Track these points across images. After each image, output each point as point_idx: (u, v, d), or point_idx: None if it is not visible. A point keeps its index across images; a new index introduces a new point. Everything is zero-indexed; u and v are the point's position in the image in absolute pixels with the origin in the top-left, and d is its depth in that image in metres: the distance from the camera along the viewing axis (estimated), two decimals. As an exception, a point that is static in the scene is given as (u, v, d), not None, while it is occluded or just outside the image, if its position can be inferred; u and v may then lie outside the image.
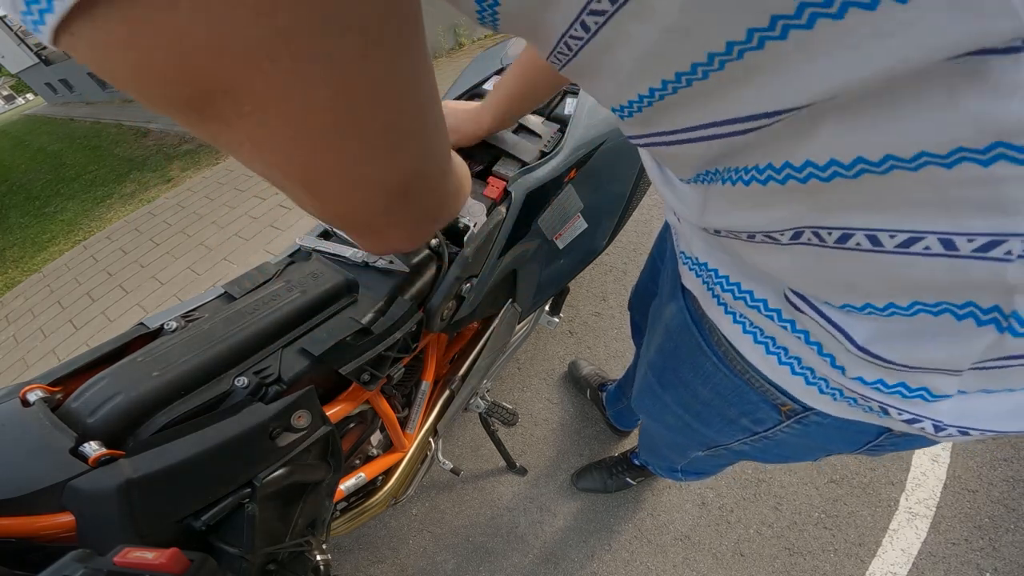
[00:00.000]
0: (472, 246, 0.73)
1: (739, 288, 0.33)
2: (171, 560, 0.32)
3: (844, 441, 0.39)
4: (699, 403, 0.47)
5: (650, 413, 0.63)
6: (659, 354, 0.51)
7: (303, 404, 0.56)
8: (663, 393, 0.54)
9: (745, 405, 0.41)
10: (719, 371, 0.41)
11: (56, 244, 3.76)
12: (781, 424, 0.40)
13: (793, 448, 0.44)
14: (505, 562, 1.18)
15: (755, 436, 0.45)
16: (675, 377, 0.49)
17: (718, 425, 0.48)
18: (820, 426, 0.37)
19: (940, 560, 1.03)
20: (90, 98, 11.24)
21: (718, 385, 0.42)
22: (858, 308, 0.25)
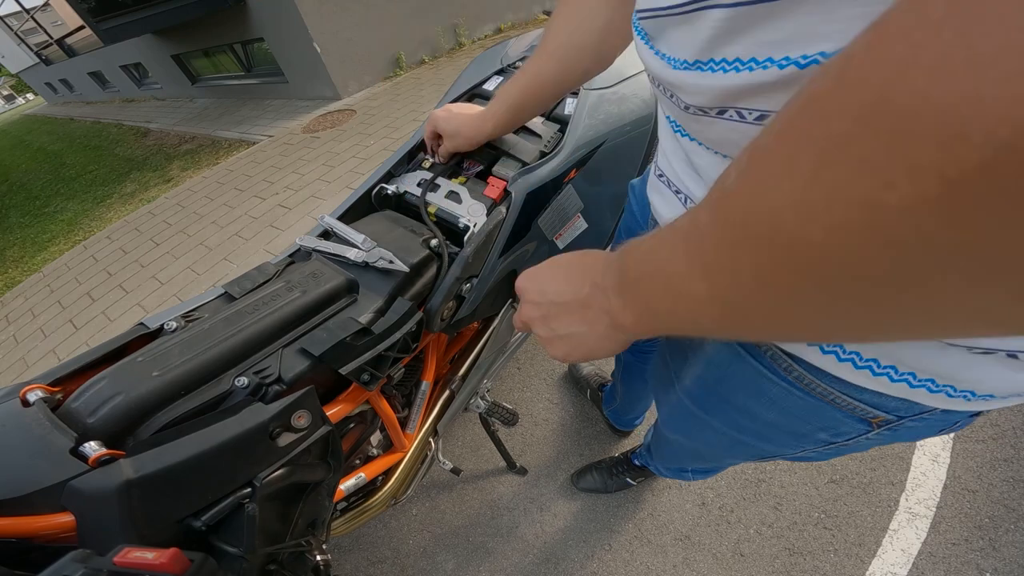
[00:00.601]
0: (472, 246, 0.73)
1: None
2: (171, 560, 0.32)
3: (921, 433, 0.37)
4: (760, 424, 0.45)
5: (685, 434, 0.61)
6: (699, 384, 0.49)
7: (303, 404, 0.56)
8: (709, 419, 0.52)
9: (825, 421, 0.39)
10: (791, 395, 0.38)
11: (56, 244, 3.76)
12: (868, 433, 0.38)
13: (864, 447, 0.42)
14: (505, 562, 1.18)
15: (830, 446, 0.43)
16: (727, 403, 0.46)
17: (783, 440, 0.45)
18: (912, 429, 0.36)
19: (940, 560, 1.03)
20: (90, 98, 11.24)
21: (790, 408, 0.40)
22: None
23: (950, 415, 0.34)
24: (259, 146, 4.27)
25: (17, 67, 14.48)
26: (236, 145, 4.55)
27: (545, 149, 0.82)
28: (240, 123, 5.10)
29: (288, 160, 3.68)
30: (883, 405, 0.34)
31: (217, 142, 4.86)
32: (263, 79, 5.58)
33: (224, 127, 5.17)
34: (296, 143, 3.99)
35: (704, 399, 0.50)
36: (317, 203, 2.93)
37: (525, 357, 1.63)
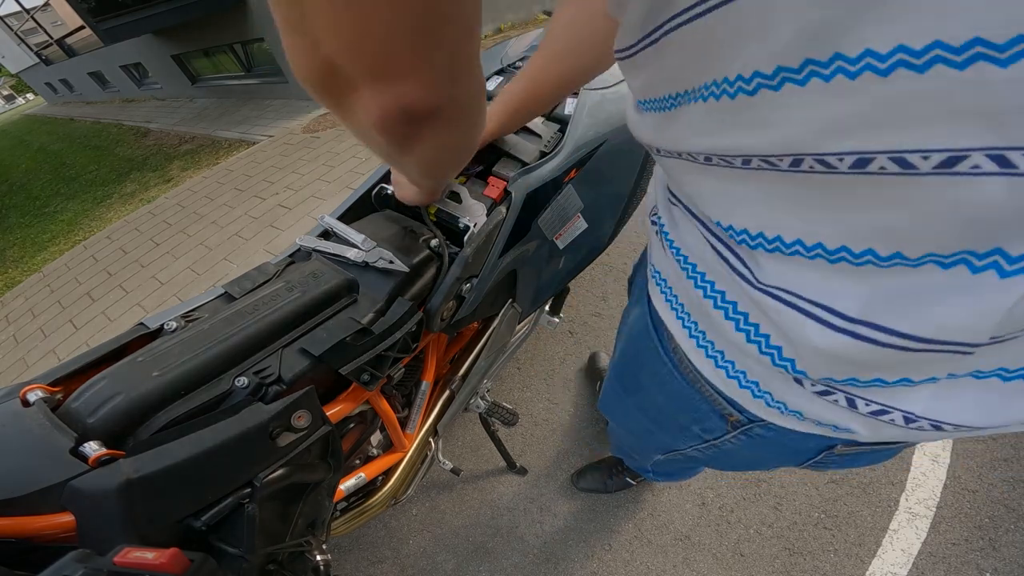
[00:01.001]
0: (472, 246, 0.73)
1: (701, 278, 0.32)
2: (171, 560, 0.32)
3: (786, 455, 0.40)
4: (655, 408, 0.48)
5: (614, 415, 0.64)
6: (622, 358, 0.53)
7: (303, 404, 0.56)
8: (625, 397, 0.55)
9: (696, 413, 0.42)
10: (673, 378, 0.41)
11: (56, 244, 3.76)
12: (727, 434, 0.41)
13: (741, 458, 0.45)
14: (505, 562, 1.18)
15: (705, 444, 0.45)
16: (635, 382, 0.50)
17: (672, 431, 0.48)
18: (763, 439, 0.38)
19: (940, 560, 1.03)
20: (90, 98, 11.24)
21: (672, 392, 0.43)
22: (861, 260, 0.21)
23: (795, 436, 0.35)
24: (259, 146, 4.27)
25: (17, 67, 14.48)
26: (236, 145, 4.55)
27: (545, 149, 0.82)
28: (240, 123, 5.10)
29: (288, 160, 3.68)
30: (731, 401, 0.36)
31: (217, 142, 4.86)
32: (263, 79, 5.58)
33: (224, 127, 5.17)
34: (296, 143, 3.99)
35: (623, 374, 0.53)
36: (317, 203, 2.93)
37: (525, 357, 1.63)
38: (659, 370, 0.43)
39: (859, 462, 0.40)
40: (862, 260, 0.21)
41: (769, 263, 0.26)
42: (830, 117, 0.18)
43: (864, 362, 0.24)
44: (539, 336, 1.68)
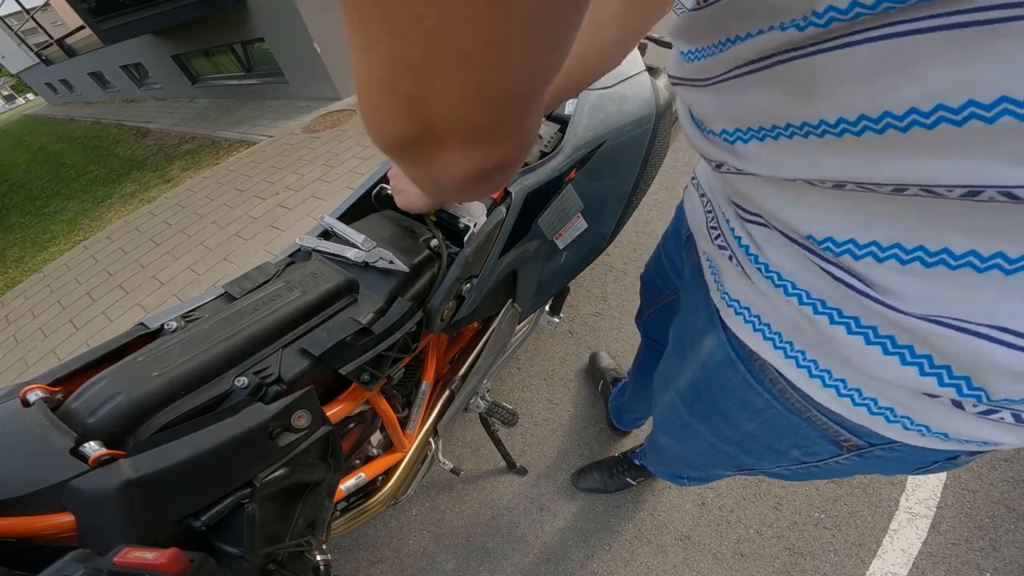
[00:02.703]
0: (472, 246, 0.73)
1: (809, 299, 0.31)
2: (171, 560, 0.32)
3: (898, 467, 0.38)
4: (741, 435, 0.46)
5: (675, 437, 0.61)
6: (692, 386, 0.49)
7: (303, 404, 0.56)
8: (695, 422, 0.52)
9: (799, 439, 0.40)
10: (771, 408, 0.39)
11: (56, 244, 3.76)
12: (838, 456, 0.39)
13: (837, 472, 0.42)
14: (505, 562, 1.18)
15: (802, 465, 0.43)
16: (713, 410, 0.47)
17: (761, 454, 0.46)
18: (882, 459, 0.36)
19: (940, 560, 1.03)
20: (90, 98, 11.24)
21: (769, 421, 0.40)
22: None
23: (921, 453, 0.34)
24: (259, 146, 4.27)
25: (17, 67, 14.48)
26: (236, 145, 4.55)
27: (545, 149, 0.82)
28: (240, 123, 5.10)
29: (288, 160, 3.68)
30: (851, 428, 0.34)
31: (217, 142, 4.86)
32: (263, 79, 5.58)
33: (224, 127, 5.17)
34: (296, 143, 3.99)
35: (694, 402, 0.51)
36: (317, 203, 2.93)
37: (525, 357, 1.63)
38: (751, 400, 0.40)
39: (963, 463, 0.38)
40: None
41: (907, 282, 0.25)
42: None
43: None
44: (539, 336, 1.68)
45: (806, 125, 0.24)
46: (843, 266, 0.28)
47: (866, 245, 0.26)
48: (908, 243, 0.24)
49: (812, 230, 0.28)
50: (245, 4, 4.59)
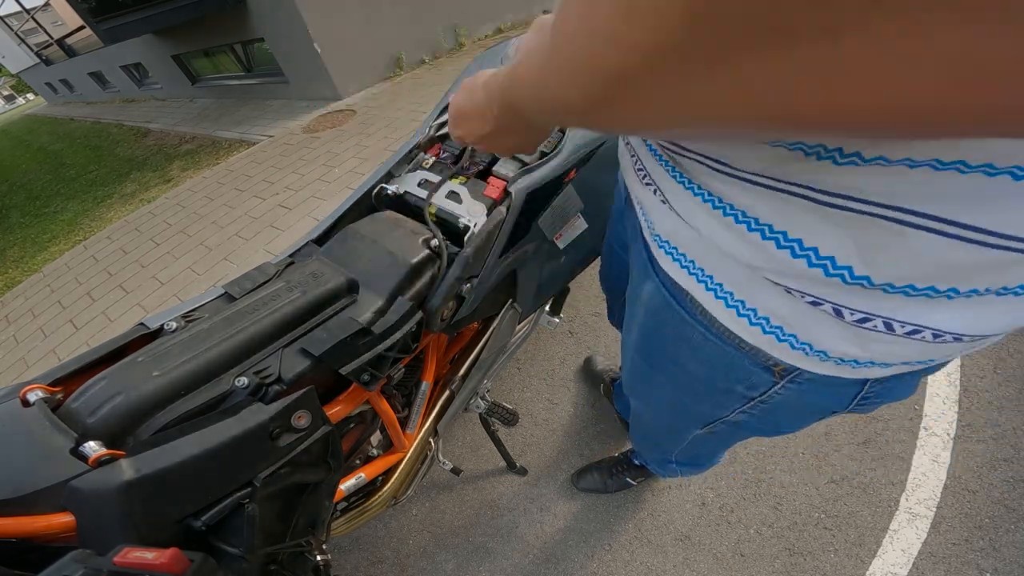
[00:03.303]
0: (472, 246, 0.73)
1: (730, 208, 0.32)
2: (171, 560, 0.32)
3: (835, 397, 0.40)
4: (690, 378, 0.47)
5: (642, 396, 0.63)
6: (642, 335, 0.52)
7: (303, 404, 0.56)
8: (653, 373, 0.54)
9: (737, 372, 0.41)
10: (707, 341, 0.41)
11: (56, 244, 3.76)
12: (776, 386, 0.40)
13: (789, 411, 0.44)
14: (505, 562, 1.18)
15: (751, 402, 0.45)
16: (663, 355, 0.49)
17: (713, 398, 0.48)
18: (813, 383, 0.38)
19: (940, 560, 1.03)
20: (91, 98, 11.24)
21: (707, 355, 0.42)
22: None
23: (835, 383, 0.37)
24: (259, 146, 4.27)
25: (17, 67, 14.47)
26: (236, 145, 4.55)
27: (545, 149, 0.82)
28: (240, 123, 5.10)
29: (288, 160, 3.68)
30: (766, 348, 0.37)
31: (217, 142, 4.86)
32: (263, 79, 5.58)
33: (224, 127, 5.17)
34: (296, 143, 3.99)
35: (648, 352, 0.53)
36: (317, 203, 2.93)
37: (525, 357, 1.63)
38: (689, 336, 0.42)
39: (890, 395, 0.40)
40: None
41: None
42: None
43: (958, 266, 0.24)
44: (539, 336, 1.68)
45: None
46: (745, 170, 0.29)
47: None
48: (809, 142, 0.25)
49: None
50: (245, 4, 4.59)
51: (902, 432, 1.24)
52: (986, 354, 1.35)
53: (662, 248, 0.41)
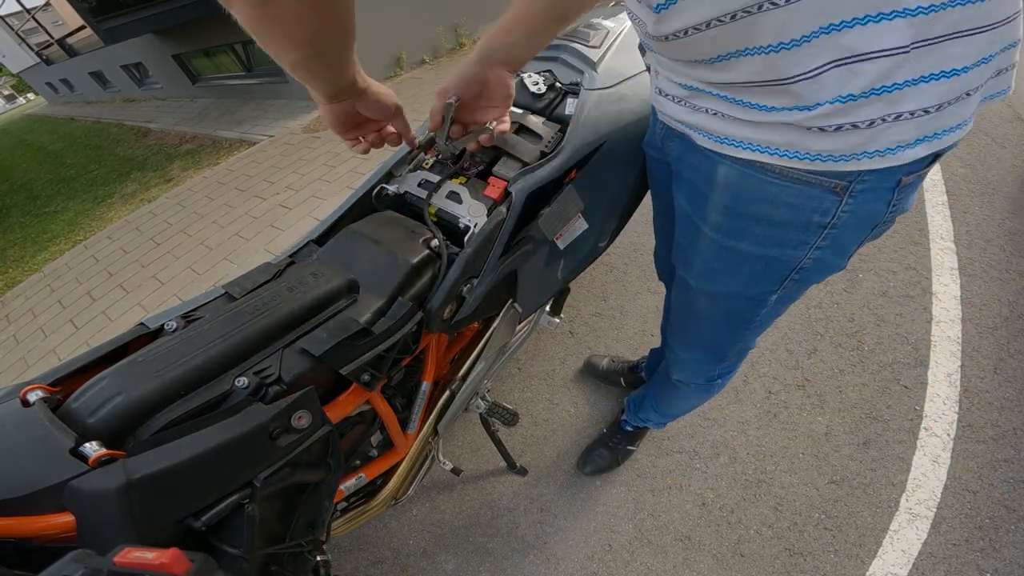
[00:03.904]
0: (473, 246, 0.73)
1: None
2: (171, 560, 0.32)
3: (878, 203, 0.50)
4: (774, 227, 0.55)
5: (722, 276, 0.67)
6: (725, 213, 0.59)
7: (303, 404, 0.56)
8: (738, 243, 0.60)
9: (811, 201, 0.50)
10: (784, 188, 0.51)
11: (57, 244, 3.77)
12: (840, 206, 0.50)
13: (850, 228, 0.53)
14: (505, 562, 1.18)
15: (824, 232, 0.53)
16: (748, 219, 0.57)
17: (794, 238, 0.55)
18: (863, 192, 0.48)
19: (940, 561, 1.03)
20: (91, 98, 11.25)
21: (787, 198, 0.51)
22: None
23: (878, 189, 0.48)
24: (260, 146, 4.27)
25: (18, 67, 14.47)
26: (237, 145, 4.55)
27: (546, 149, 0.82)
28: (241, 123, 5.10)
29: (289, 160, 3.68)
30: (830, 172, 0.47)
31: (218, 142, 4.86)
32: (264, 79, 5.58)
33: (225, 127, 5.17)
34: (297, 143, 3.99)
35: (728, 225, 0.60)
36: (318, 203, 2.93)
37: (525, 357, 1.63)
38: (769, 191, 0.52)
39: (907, 201, 0.52)
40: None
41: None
42: None
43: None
44: (539, 336, 1.68)
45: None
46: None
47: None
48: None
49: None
50: (246, 4, 4.59)
51: (902, 433, 1.24)
52: (986, 355, 1.35)
53: (730, 144, 0.52)
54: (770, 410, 1.34)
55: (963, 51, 0.37)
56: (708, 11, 0.42)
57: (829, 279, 1.64)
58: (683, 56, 0.51)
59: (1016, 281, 1.51)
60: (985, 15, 0.36)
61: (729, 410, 1.37)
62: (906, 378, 1.35)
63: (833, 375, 1.39)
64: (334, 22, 0.47)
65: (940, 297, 1.52)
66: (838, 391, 1.35)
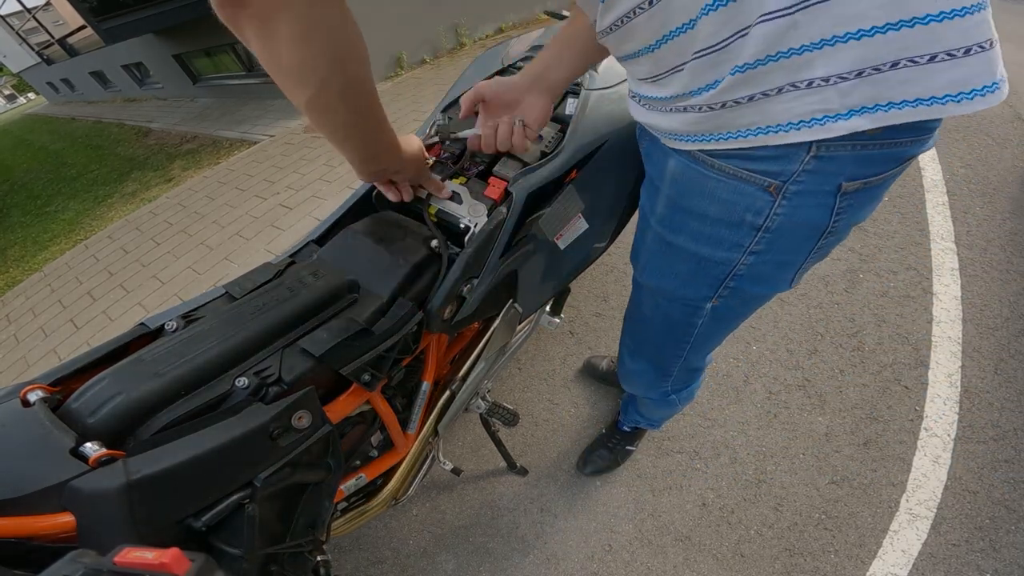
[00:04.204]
0: (473, 246, 0.73)
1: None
2: (171, 560, 0.32)
3: (819, 209, 0.48)
4: (709, 223, 0.55)
5: (661, 271, 0.68)
6: (668, 206, 0.60)
7: (303, 404, 0.56)
8: (676, 237, 0.61)
9: (744, 199, 0.50)
10: (719, 182, 0.51)
11: (57, 243, 3.77)
12: (774, 205, 0.49)
13: (789, 235, 0.52)
14: (505, 562, 1.18)
15: (758, 234, 0.52)
16: (686, 213, 0.58)
17: (727, 237, 0.55)
18: (798, 195, 0.47)
19: (941, 561, 1.03)
20: (92, 97, 11.25)
21: (721, 193, 0.52)
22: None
23: (814, 182, 0.46)
24: (260, 146, 4.27)
25: (19, 67, 14.47)
26: (237, 145, 4.55)
27: (546, 149, 0.82)
28: (241, 123, 5.10)
29: (289, 160, 3.68)
30: (763, 170, 0.47)
31: (218, 142, 4.86)
32: (264, 79, 5.58)
33: (225, 127, 5.17)
34: (297, 143, 3.99)
35: (670, 218, 0.61)
36: (318, 203, 2.93)
37: (526, 358, 1.63)
38: (705, 185, 0.53)
39: (860, 208, 0.49)
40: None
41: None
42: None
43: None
44: (540, 336, 1.68)
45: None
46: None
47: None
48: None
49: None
50: (246, 4, 4.59)
51: (903, 433, 1.24)
52: (987, 355, 1.35)
53: (678, 139, 0.53)
54: (770, 410, 1.34)
55: (862, 8, 0.35)
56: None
57: (829, 279, 1.64)
58: (621, 52, 0.53)
59: (1017, 281, 1.51)
60: None
61: (729, 410, 1.37)
62: (907, 378, 1.34)
63: (833, 375, 1.39)
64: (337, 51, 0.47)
65: (941, 297, 1.52)
66: (838, 391, 1.35)
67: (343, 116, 0.52)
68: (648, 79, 0.52)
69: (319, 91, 0.47)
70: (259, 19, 0.40)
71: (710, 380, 1.43)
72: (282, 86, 0.47)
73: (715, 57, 0.42)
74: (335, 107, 0.50)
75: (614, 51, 0.55)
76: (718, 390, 1.41)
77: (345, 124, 0.54)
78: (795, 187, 0.47)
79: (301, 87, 0.47)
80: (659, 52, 0.47)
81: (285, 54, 0.44)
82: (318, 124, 0.52)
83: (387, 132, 0.61)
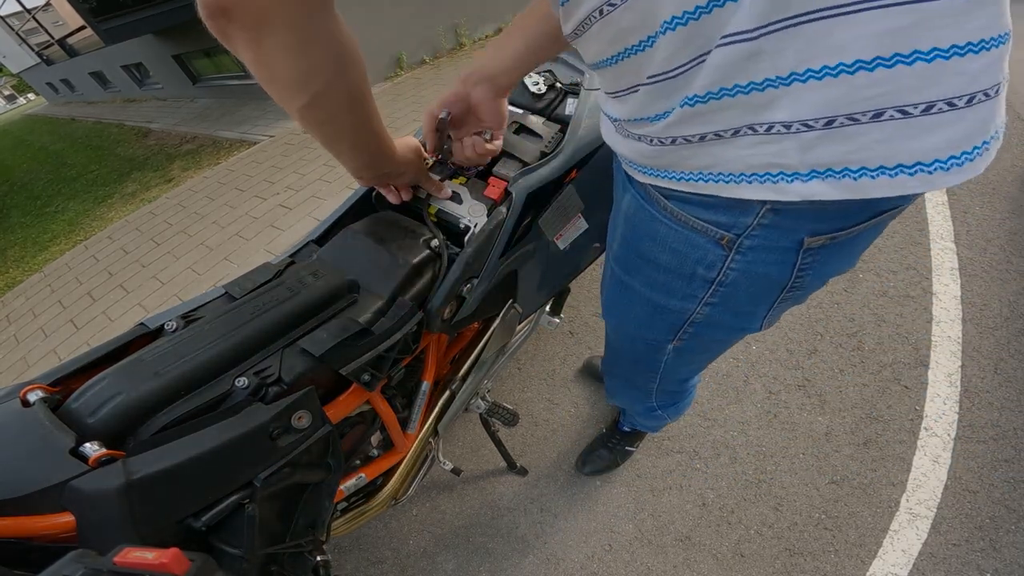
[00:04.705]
0: (473, 246, 0.73)
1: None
2: (171, 560, 0.32)
3: (777, 265, 0.43)
4: (661, 271, 0.52)
5: (621, 312, 0.66)
6: (623, 244, 0.57)
7: (303, 404, 0.56)
8: (631, 280, 0.58)
9: (695, 251, 0.46)
10: (671, 230, 0.47)
11: (57, 244, 3.76)
12: (727, 261, 0.44)
13: (745, 290, 0.47)
14: (505, 563, 1.18)
15: (712, 287, 0.48)
16: (639, 257, 0.54)
17: (680, 289, 0.52)
18: (754, 251, 0.42)
19: (941, 561, 1.03)
20: (92, 98, 11.25)
21: (672, 243, 0.48)
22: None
23: (777, 237, 0.40)
24: (260, 146, 4.27)
25: (18, 67, 14.46)
26: (237, 145, 4.55)
27: (546, 149, 0.82)
28: (241, 123, 5.10)
29: (289, 160, 3.68)
30: (716, 221, 0.42)
31: (218, 142, 4.86)
32: (264, 79, 5.58)
33: (225, 127, 5.17)
34: (297, 143, 3.99)
35: (625, 258, 0.58)
36: (318, 203, 2.93)
37: (525, 358, 1.63)
38: (657, 230, 0.49)
39: (827, 266, 0.43)
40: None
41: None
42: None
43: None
44: (539, 336, 1.68)
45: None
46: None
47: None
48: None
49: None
50: (246, 4, 4.59)
51: (903, 433, 1.24)
52: (987, 355, 1.35)
53: (638, 169, 0.48)
54: (770, 410, 1.34)
55: (846, 37, 0.26)
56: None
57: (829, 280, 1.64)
58: (587, 59, 0.48)
59: (1016, 281, 1.51)
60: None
61: (729, 410, 1.37)
62: (906, 378, 1.34)
63: (833, 375, 1.39)
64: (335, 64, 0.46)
65: (940, 297, 1.52)
66: (838, 391, 1.35)
67: (338, 125, 0.51)
68: (612, 94, 0.47)
69: (312, 101, 0.46)
70: (249, 30, 0.38)
71: (710, 380, 1.43)
72: (274, 95, 0.46)
73: (668, 85, 0.36)
74: (330, 116, 0.49)
75: (583, 57, 0.50)
76: (718, 390, 1.41)
77: (340, 133, 0.53)
78: (750, 241, 0.41)
79: (294, 97, 0.45)
80: (618, 68, 0.41)
81: (277, 65, 0.42)
82: (312, 132, 0.51)
83: (383, 139, 0.59)
